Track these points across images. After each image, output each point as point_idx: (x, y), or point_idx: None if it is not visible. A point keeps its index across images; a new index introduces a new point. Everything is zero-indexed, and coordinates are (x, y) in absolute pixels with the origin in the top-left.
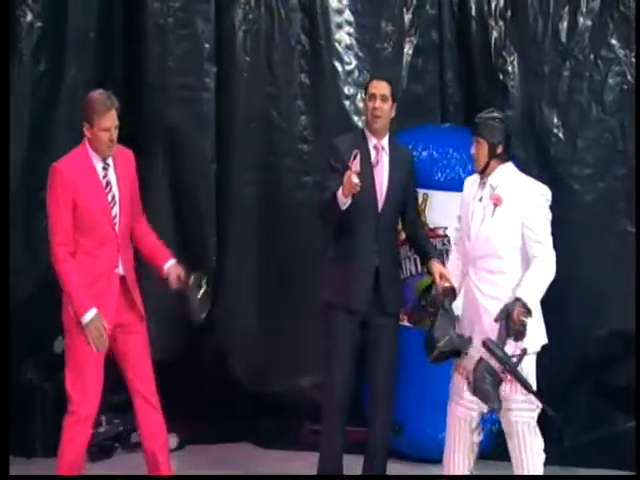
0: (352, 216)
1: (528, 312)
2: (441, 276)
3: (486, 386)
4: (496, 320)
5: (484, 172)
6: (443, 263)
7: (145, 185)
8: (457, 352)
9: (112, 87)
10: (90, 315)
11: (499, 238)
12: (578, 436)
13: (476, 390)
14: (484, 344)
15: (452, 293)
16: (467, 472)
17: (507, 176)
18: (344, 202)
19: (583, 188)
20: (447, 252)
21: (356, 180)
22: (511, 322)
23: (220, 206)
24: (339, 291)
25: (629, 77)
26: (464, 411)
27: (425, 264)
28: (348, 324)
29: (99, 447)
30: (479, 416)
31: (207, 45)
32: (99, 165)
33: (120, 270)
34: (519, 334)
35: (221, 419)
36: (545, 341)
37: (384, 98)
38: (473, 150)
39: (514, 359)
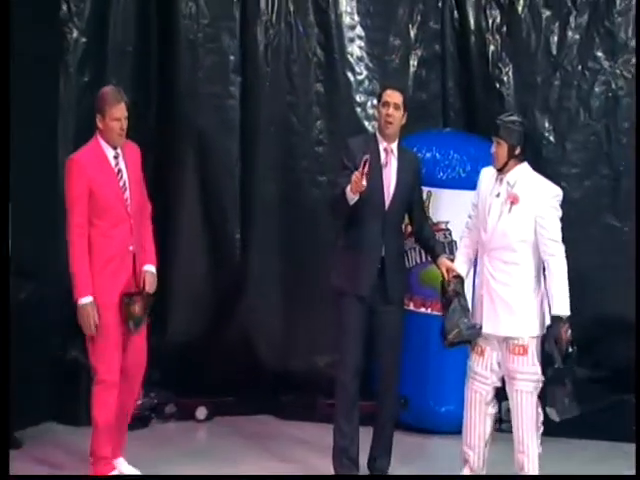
0: (361, 212)
1: (567, 321)
2: (448, 270)
3: (572, 407)
4: (547, 351)
5: (502, 170)
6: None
7: (176, 184)
8: (467, 341)
9: (148, 96)
10: (85, 301)
11: (514, 233)
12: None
13: (565, 415)
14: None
15: (460, 280)
16: (484, 443)
17: (523, 175)
18: (352, 198)
19: (571, 186)
20: (449, 244)
21: (364, 182)
22: (561, 347)
23: (244, 204)
24: (348, 279)
25: (613, 86)
26: (479, 385)
27: (433, 260)
28: (357, 309)
29: (136, 418)
30: (493, 390)
31: (232, 58)
32: (111, 154)
33: (132, 248)
34: (570, 347)
35: (246, 394)
36: (548, 322)
37: (397, 106)
38: (493, 149)
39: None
